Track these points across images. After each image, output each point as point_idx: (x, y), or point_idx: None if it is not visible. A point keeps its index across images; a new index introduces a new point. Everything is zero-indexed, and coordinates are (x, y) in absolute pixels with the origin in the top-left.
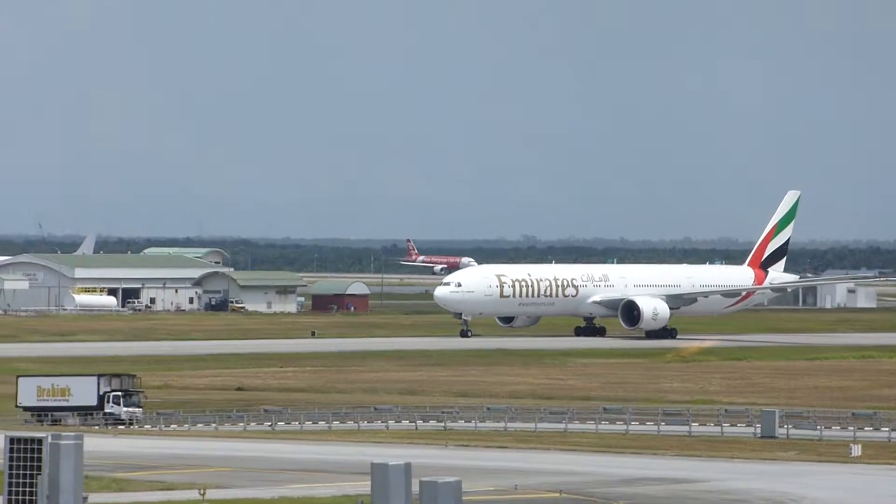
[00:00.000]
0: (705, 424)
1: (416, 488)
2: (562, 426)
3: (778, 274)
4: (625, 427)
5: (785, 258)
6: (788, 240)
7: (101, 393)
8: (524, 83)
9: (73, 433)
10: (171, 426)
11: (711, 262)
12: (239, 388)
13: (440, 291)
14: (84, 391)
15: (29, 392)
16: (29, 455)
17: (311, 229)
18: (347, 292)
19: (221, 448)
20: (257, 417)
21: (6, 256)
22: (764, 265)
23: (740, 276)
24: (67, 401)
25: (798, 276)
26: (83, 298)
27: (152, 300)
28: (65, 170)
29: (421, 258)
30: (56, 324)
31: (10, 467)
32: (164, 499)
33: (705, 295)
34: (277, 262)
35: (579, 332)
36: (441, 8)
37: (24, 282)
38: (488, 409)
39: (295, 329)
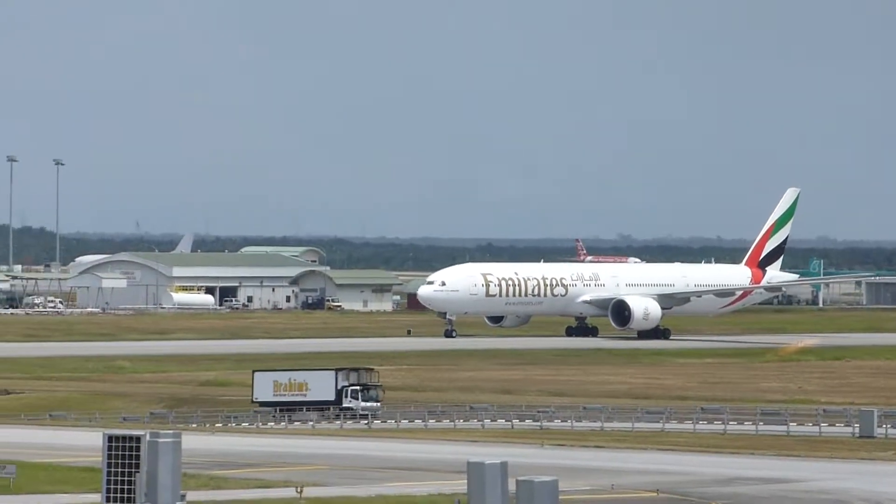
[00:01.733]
0: (803, 424)
1: (512, 487)
2: (659, 426)
3: (776, 273)
4: (722, 427)
5: (782, 257)
6: (787, 238)
7: (338, 387)
8: (620, 82)
9: (171, 431)
10: (269, 424)
11: (707, 261)
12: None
13: (424, 290)
14: (322, 386)
15: (265, 387)
16: (127, 453)
17: (407, 228)
18: None
19: (318, 446)
20: (354, 416)
21: (105, 255)
22: (762, 264)
23: (736, 275)
24: (305, 395)
25: (798, 276)
26: (181, 297)
27: (249, 298)
28: (163, 169)
29: (589, 258)
30: (154, 322)
31: (109, 465)
32: (260, 497)
33: (698, 294)
34: (373, 261)
35: (570, 332)
36: (537, 7)
37: (122, 280)
38: (584, 408)
39: (390, 327)
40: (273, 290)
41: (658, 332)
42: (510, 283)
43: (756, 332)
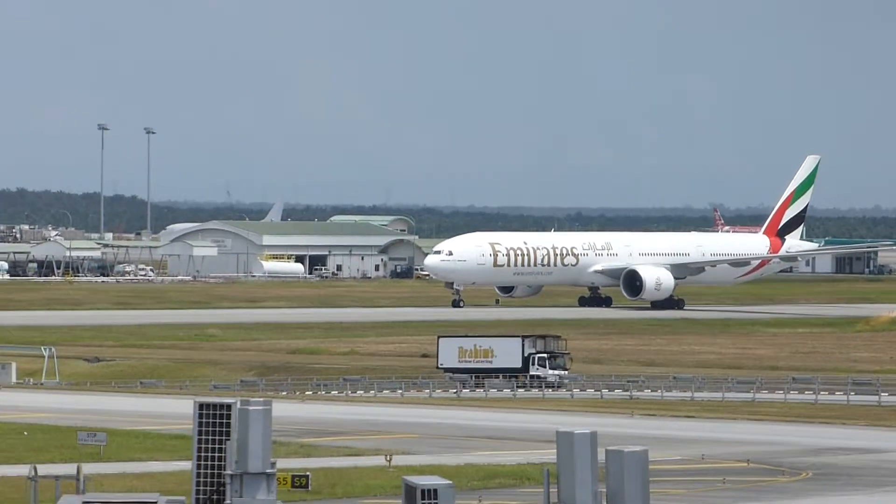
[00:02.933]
0: (895, 394)
1: (601, 457)
2: (749, 396)
3: (795, 242)
4: (813, 397)
5: (803, 225)
6: (807, 207)
7: (525, 355)
8: (708, 52)
9: (261, 399)
10: (358, 392)
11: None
12: (424, 355)
13: (430, 260)
14: (508, 353)
15: (450, 353)
16: (218, 421)
17: (496, 197)
18: None
19: (408, 414)
20: (443, 384)
21: (195, 223)
22: (780, 233)
23: (754, 244)
24: (490, 362)
25: (817, 245)
26: (271, 265)
27: (339, 267)
28: (254, 138)
29: (727, 228)
30: (245, 290)
31: (200, 433)
32: (350, 464)
33: (713, 264)
34: (462, 230)
35: (583, 302)
36: None
37: (213, 248)
38: (675, 378)
39: (479, 297)
40: (362, 258)
41: (672, 303)
42: (519, 252)
43: (845, 302)
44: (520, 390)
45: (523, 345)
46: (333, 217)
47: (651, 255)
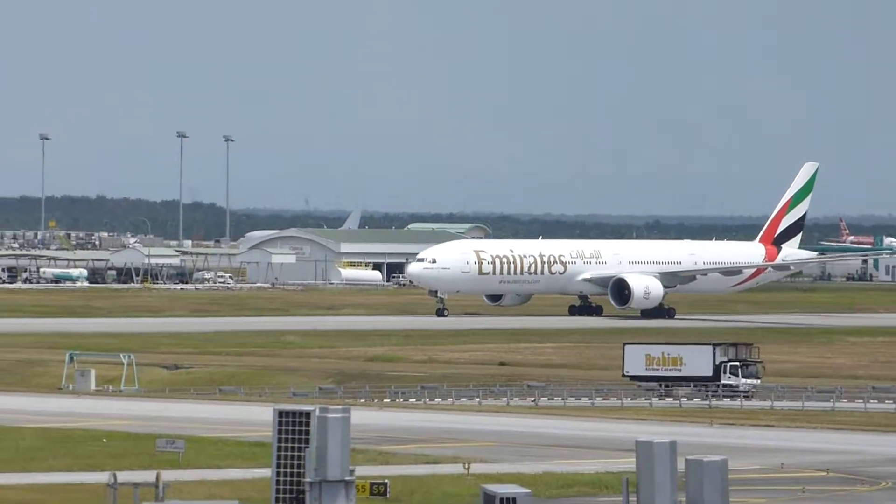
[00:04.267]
0: None
1: (681, 466)
2: (829, 405)
3: (792, 251)
4: (893, 406)
5: (801, 234)
6: (805, 214)
7: (716, 363)
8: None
9: (340, 406)
10: (436, 400)
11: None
12: (501, 364)
13: (413, 268)
14: (698, 361)
15: (636, 360)
16: (297, 428)
17: (574, 204)
18: None
19: (485, 422)
20: (520, 392)
21: (274, 231)
22: (777, 241)
23: (749, 252)
24: (679, 370)
25: (817, 254)
26: (349, 272)
27: None
28: (332, 145)
29: (851, 238)
30: (322, 297)
31: (279, 440)
32: (428, 472)
33: (703, 273)
34: (537, 237)
35: (573, 310)
36: None
37: (291, 256)
38: (755, 386)
39: (555, 305)
40: None
41: (662, 311)
42: (504, 260)
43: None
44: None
45: (714, 353)
46: (411, 225)
47: (641, 263)
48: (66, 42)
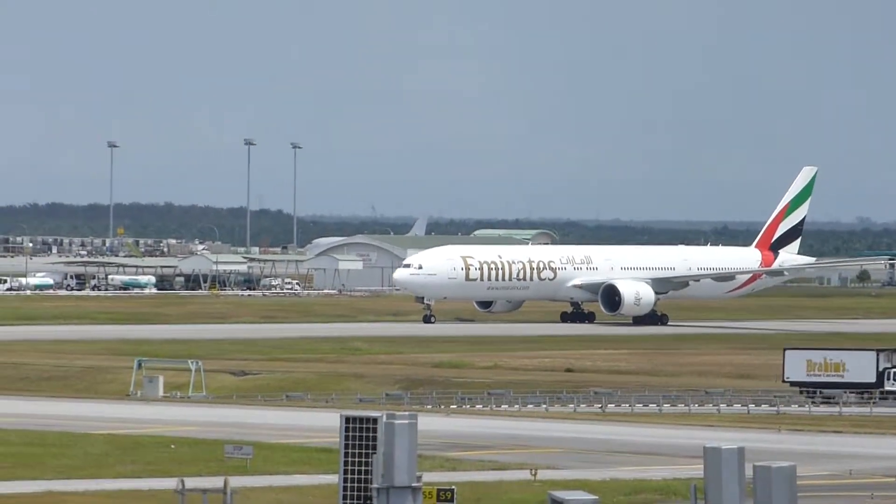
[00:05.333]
0: None
1: (749, 473)
2: None
3: (790, 256)
4: None
5: (799, 239)
6: (803, 220)
7: (880, 369)
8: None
9: (406, 412)
10: (502, 406)
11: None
12: (568, 370)
13: (399, 274)
14: (861, 367)
15: (797, 366)
16: (364, 434)
17: (641, 210)
18: None
19: (552, 429)
20: (587, 399)
21: (341, 237)
22: (774, 247)
23: (744, 258)
24: (842, 377)
25: (815, 259)
26: None
27: None
28: (398, 152)
29: None
30: (389, 304)
31: (346, 446)
32: (495, 478)
33: (696, 279)
34: (607, 243)
35: (565, 317)
36: None
37: (358, 262)
38: (822, 392)
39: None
40: None
41: (655, 318)
42: (492, 266)
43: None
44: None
45: (878, 359)
46: (477, 231)
47: (633, 269)
48: (134, 51)
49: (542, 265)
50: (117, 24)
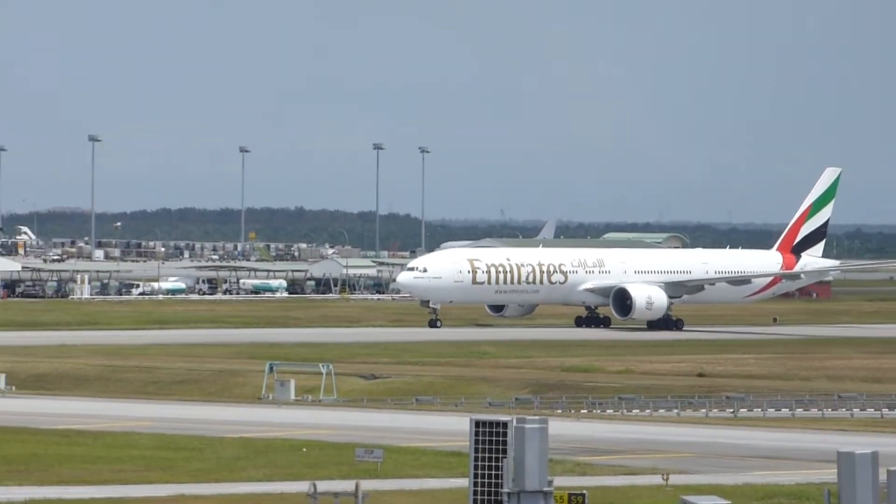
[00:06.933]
0: None
1: (883, 477)
2: None
3: (813, 259)
4: None
5: (823, 242)
6: (827, 222)
7: None
8: None
9: (537, 417)
10: (633, 411)
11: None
12: (700, 375)
13: (403, 277)
14: None
15: None
16: (494, 438)
17: (776, 212)
18: None
19: (683, 434)
20: (719, 404)
21: (469, 241)
22: (796, 250)
23: (765, 261)
24: None
25: (839, 262)
26: None
27: None
28: (527, 155)
29: None
30: None
31: (476, 450)
32: (626, 483)
33: (711, 282)
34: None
35: (580, 322)
36: None
37: None
38: None
39: (757, 315)
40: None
41: (669, 323)
42: (500, 269)
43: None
44: None
45: None
46: (606, 234)
47: (646, 272)
48: (265, 56)
49: (552, 268)
50: (245, 29)
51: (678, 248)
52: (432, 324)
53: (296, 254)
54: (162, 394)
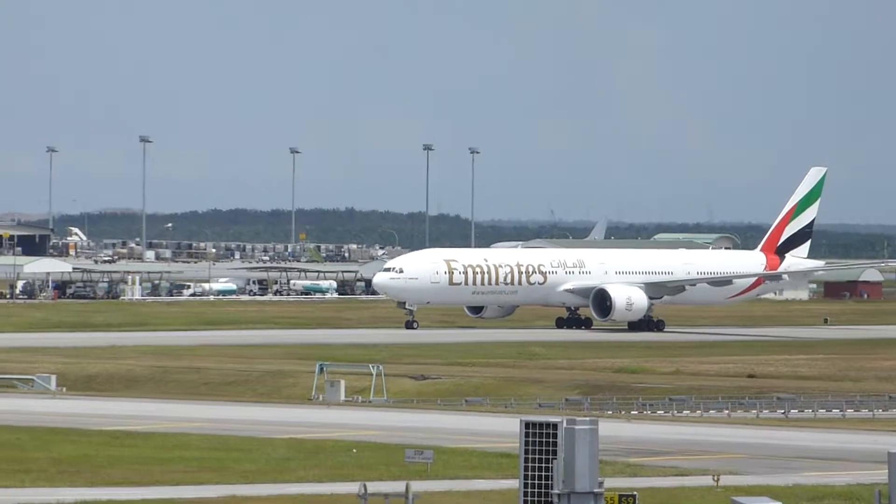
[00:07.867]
0: None
1: None
2: None
3: (797, 260)
4: None
5: (809, 242)
6: (812, 222)
7: None
8: None
9: (587, 418)
10: (684, 412)
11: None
12: (750, 376)
13: (379, 278)
14: None
15: None
16: (544, 439)
17: (827, 214)
18: (860, 279)
19: (734, 435)
20: (770, 405)
21: (518, 242)
22: (780, 250)
23: (748, 262)
24: None
25: (824, 262)
26: None
27: None
28: (577, 155)
29: None
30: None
31: (526, 451)
32: (677, 484)
33: (692, 283)
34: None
35: (561, 323)
36: None
37: None
38: None
39: (807, 316)
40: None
41: (650, 324)
42: (478, 270)
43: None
44: None
45: None
46: (657, 235)
47: (627, 273)
48: (314, 58)
49: (531, 269)
50: (294, 30)
51: (728, 248)
52: (409, 325)
53: (346, 255)
54: (212, 395)
